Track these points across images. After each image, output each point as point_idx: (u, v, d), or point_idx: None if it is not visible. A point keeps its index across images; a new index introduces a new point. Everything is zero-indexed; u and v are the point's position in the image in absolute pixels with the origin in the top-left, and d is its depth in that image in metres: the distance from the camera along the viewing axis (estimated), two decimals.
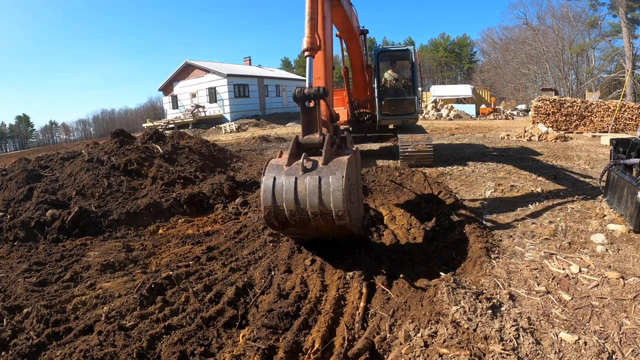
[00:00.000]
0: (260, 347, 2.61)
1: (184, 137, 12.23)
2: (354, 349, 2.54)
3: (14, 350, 2.75)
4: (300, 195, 3.19)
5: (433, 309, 2.73)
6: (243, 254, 4.34)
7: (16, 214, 6.33)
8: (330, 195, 3.11)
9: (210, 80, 31.02)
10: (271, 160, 3.48)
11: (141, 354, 2.65)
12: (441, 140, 13.79)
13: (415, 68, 8.95)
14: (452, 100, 30.82)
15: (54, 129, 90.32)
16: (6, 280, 3.99)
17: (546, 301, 2.93)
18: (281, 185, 3.25)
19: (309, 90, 3.39)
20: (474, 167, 8.39)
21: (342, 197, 3.08)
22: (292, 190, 3.20)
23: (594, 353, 2.35)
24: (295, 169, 3.26)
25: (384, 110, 9.10)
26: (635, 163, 4.50)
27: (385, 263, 3.71)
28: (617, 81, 33.45)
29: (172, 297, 3.38)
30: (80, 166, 8.01)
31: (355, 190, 3.57)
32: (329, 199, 3.12)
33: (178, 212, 6.18)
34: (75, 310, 3.32)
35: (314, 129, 3.50)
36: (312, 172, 3.20)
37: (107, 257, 4.53)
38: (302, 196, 3.19)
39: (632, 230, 4.07)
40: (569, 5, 37.60)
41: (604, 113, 15.53)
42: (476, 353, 2.31)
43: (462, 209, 5.09)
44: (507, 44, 47.67)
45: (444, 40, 66.81)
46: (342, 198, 3.08)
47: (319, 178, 3.16)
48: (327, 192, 3.12)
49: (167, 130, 23.79)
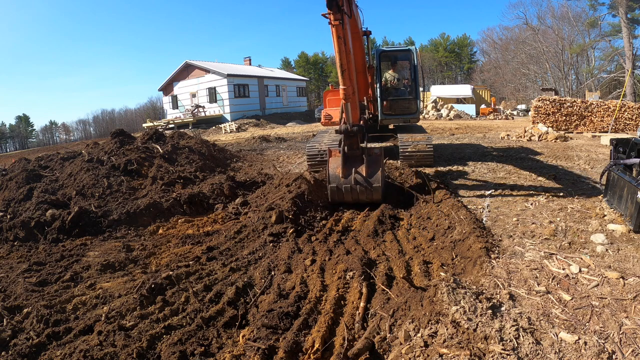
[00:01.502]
0: (260, 347, 2.61)
1: (184, 137, 12.24)
2: (354, 349, 2.54)
3: (14, 350, 2.75)
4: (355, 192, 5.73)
5: (433, 309, 2.73)
6: (243, 254, 4.34)
7: (16, 214, 6.33)
8: (373, 193, 5.66)
9: (210, 80, 31.03)
10: (330, 168, 5.78)
11: (141, 354, 2.65)
12: (441, 140, 13.79)
13: (416, 68, 8.97)
14: (452, 100, 30.81)
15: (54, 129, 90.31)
16: (6, 280, 3.99)
17: (546, 301, 2.93)
18: (342, 188, 5.73)
19: (353, 129, 5.44)
20: (474, 167, 8.39)
21: (380, 193, 5.67)
22: (350, 191, 5.71)
23: (594, 353, 2.35)
24: (350, 180, 5.65)
25: (386, 110, 9.12)
26: (635, 163, 4.50)
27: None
28: (617, 81, 33.43)
29: (172, 297, 3.38)
30: (80, 166, 8.01)
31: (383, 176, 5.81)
32: (371, 195, 5.69)
33: (178, 212, 6.17)
34: (75, 310, 3.32)
35: (355, 148, 5.67)
36: (363, 182, 5.62)
37: (107, 257, 4.53)
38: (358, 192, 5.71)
39: (632, 230, 4.07)
40: (569, 5, 37.59)
41: (604, 113, 15.53)
42: (476, 353, 2.31)
43: (462, 208, 5.10)
44: (507, 44, 47.65)
45: (444, 40, 66.77)
46: (380, 192, 5.68)
47: (368, 189, 5.66)
48: (372, 191, 5.66)
49: (167, 130, 23.81)
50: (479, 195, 6.07)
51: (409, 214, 5.47)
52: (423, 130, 9.55)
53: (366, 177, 5.54)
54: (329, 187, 5.73)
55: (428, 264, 3.87)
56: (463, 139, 13.93)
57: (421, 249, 4.33)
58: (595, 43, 36.47)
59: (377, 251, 4.23)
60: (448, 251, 4.02)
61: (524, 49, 41.85)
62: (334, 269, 3.76)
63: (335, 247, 4.33)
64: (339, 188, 5.67)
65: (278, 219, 4.98)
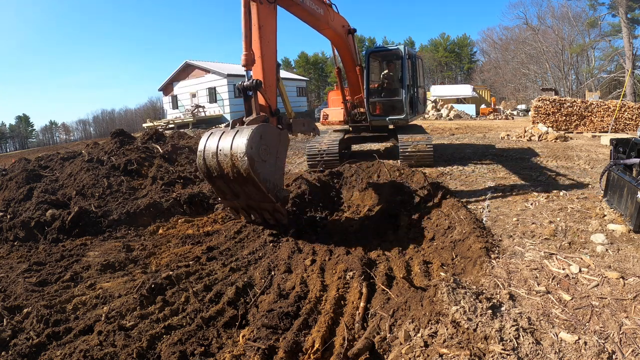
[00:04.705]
0: (260, 347, 2.61)
1: (184, 137, 12.25)
2: (354, 349, 2.54)
3: (14, 350, 2.75)
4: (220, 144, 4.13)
5: (433, 309, 2.73)
6: (243, 254, 4.34)
7: (16, 214, 6.33)
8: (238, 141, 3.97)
9: (210, 80, 31.03)
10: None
11: (141, 354, 2.65)
12: (441, 140, 13.79)
13: (404, 68, 8.72)
14: (452, 100, 30.82)
15: (54, 129, 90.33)
16: (6, 280, 3.99)
17: (546, 301, 2.93)
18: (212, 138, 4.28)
19: (247, 84, 4.46)
20: (474, 167, 8.39)
21: (246, 142, 3.89)
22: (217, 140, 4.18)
23: (594, 353, 2.35)
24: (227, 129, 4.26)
25: (373, 111, 9.06)
26: (635, 163, 4.50)
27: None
28: (617, 81, 33.43)
29: (172, 297, 3.38)
30: (80, 166, 8.01)
31: (273, 156, 4.31)
32: (237, 145, 3.96)
33: (178, 212, 6.17)
34: (75, 310, 3.32)
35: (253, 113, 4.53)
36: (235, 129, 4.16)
37: (107, 257, 4.53)
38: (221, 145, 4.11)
39: (632, 230, 4.06)
40: (569, 5, 37.62)
41: (604, 113, 15.53)
42: (476, 353, 2.31)
43: (462, 208, 5.10)
44: (507, 44, 47.68)
45: (444, 40, 66.79)
46: (245, 143, 3.88)
47: (236, 131, 4.09)
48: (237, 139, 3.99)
49: (167, 130, 23.80)
50: (478, 195, 6.07)
51: (409, 214, 5.47)
52: (423, 130, 9.52)
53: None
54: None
55: (428, 264, 3.87)
56: (463, 139, 13.93)
57: (421, 248, 4.33)
58: (595, 43, 36.50)
59: (377, 251, 4.24)
60: (448, 251, 4.02)
61: (524, 49, 41.86)
62: (334, 269, 3.76)
63: (335, 247, 4.33)
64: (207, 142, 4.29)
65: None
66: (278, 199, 4.37)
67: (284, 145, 4.58)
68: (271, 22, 4.99)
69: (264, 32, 4.80)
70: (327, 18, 7.03)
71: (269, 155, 4.19)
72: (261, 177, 4.05)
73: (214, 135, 4.28)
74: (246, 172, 3.93)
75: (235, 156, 3.95)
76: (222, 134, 4.18)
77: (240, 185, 4.21)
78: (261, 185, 4.06)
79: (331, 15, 7.24)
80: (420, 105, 9.94)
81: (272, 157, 4.25)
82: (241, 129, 4.08)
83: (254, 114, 4.47)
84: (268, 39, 4.89)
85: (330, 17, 7.19)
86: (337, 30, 7.64)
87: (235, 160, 3.96)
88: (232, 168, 4.01)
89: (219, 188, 4.54)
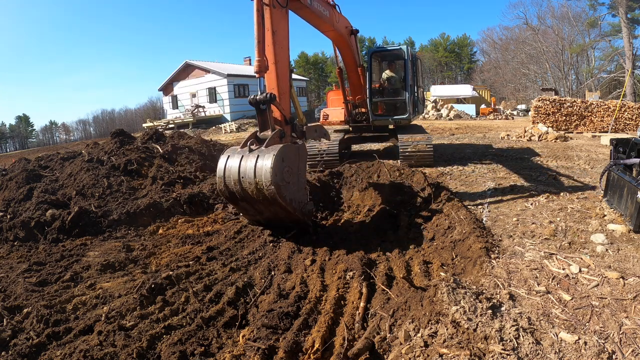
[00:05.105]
0: (260, 347, 2.61)
1: (184, 137, 12.23)
2: (354, 349, 2.54)
3: (14, 350, 2.75)
4: (242, 170, 4.03)
5: (433, 309, 2.73)
6: (243, 254, 4.34)
7: (16, 214, 6.33)
8: (262, 168, 3.88)
9: (210, 80, 31.04)
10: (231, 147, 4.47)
11: (141, 354, 2.65)
12: (441, 140, 13.79)
13: (407, 68, 8.77)
14: (452, 100, 30.83)
15: (54, 129, 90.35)
16: (6, 280, 3.99)
17: (546, 301, 2.93)
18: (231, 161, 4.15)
19: (260, 97, 4.22)
20: (474, 167, 8.39)
21: (270, 170, 3.82)
22: (237, 165, 4.06)
23: (594, 353, 2.35)
24: (244, 150, 4.14)
25: (376, 111, 9.08)
26: (635, 163, 4.50)
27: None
28: (617, 81, 33.43)
29: (172, 297, 3.38)
30: (80, 166, 8.01)
31: (295, 175, 4.23)
32: (260, 172, 3.88)
33: (178, 212, 6.17)
34: (75, 310, 3.32)
35: (267, 127, 4.33)
36: (255, 152, 4.04)
37: (107, 257, 4.53)
38: (243, 170, 4.02)
39: (632, 230, 4.06)
40: (569, 5, 37.63)
41: (604, 113, 15.53)
42: (476, 353, 2.31)
43: (462, 208, 5.09)
44: (507, 44, 47.70)
45: (444, 40, 66.80)
46: (270, 171, 3.82)
47: (257, 156, 3.97)
48: (260, 166, 3.90)
49: (167, 130, 23.80)
50: (478, 195, 6.07)
51: (409, 214, 5.47)
52: (423, 130, 9.52)
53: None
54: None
55: (428, 263, 3.87)
56: (463, 139, 13.93)
57: (421, 248, 4.33)
58: (595, 43, 36.51)
59: (377, 251, 4.23)
60: (448, 251, 4.02)
61: (524, 49, 41.88)
62: (334, 269, 3.76)
63: (335, 247, 4.33)
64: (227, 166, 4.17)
65: None
66: (304, 215, 4.41)
67: (304, 160, 4.55)
68: (284, 27, 4.89)
69: (277, 38, 4.69)
70: (332, 20, 7.03)
71: (291, 176, 4.16)
72: (287, 199, 4.04)
73: (232, 159, 4.16)
74: (272, 197, 3.93)
75: (260, 183, 3.91)
76: (241, 158, 4.07)
77: (266, 206, 4.20)
78: (287, 206, 4.07)
79: (336, 17, 7.24)
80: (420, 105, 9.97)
81: (294, 177, 4.23)
82: (262, 153, 3.97)
83: (269, 131, 4.31)
84: (282, 44, 4.77)
85: (336, 19, 7.20)
86: (341, 32, 7.63)
87: (260, 186, 3.92)
88: (258, 193, 3.98)
89: (242, 208, 4.50)
